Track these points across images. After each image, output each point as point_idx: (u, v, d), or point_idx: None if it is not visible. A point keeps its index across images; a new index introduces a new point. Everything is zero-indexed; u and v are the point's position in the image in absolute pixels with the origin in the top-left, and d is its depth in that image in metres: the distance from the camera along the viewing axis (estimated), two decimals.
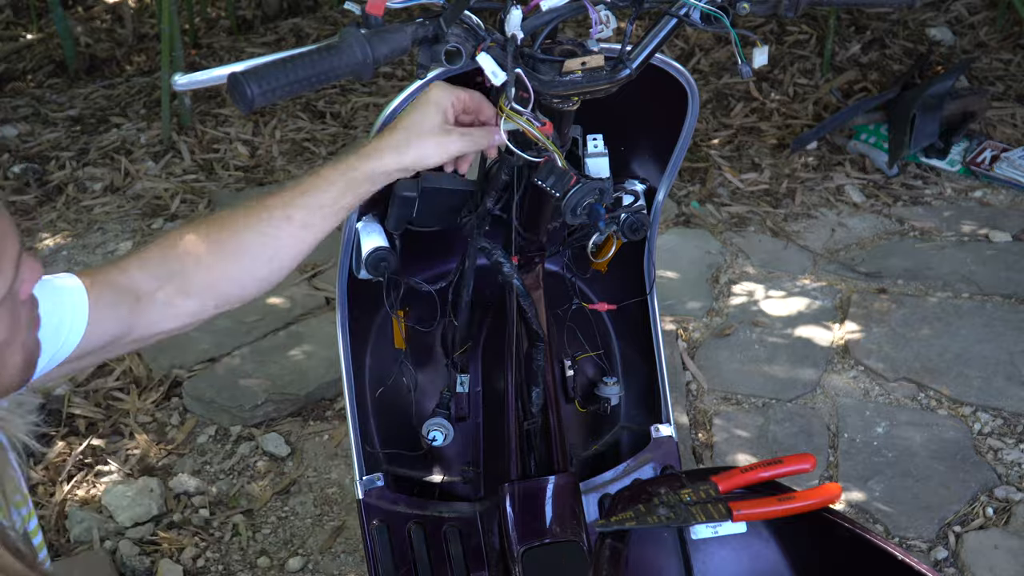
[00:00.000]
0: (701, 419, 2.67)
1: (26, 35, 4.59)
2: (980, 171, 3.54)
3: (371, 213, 1.57)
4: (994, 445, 2.54)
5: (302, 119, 3.97)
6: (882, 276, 3.12)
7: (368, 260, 1.54)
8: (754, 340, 2.90)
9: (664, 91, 1.53)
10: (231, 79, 1.03)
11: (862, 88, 3.99)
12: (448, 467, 1.79)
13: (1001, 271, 3.10)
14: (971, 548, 2.28)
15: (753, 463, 1.47)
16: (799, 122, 3.86)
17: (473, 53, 1.17)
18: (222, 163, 3.75)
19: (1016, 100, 3.92)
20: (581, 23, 3.57)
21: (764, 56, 1.25)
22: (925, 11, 4.49)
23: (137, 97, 4.13)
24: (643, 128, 1.62)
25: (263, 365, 2.78)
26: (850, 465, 2.51)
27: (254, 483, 2.52)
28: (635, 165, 1.68)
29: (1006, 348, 2.81)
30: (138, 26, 4.58)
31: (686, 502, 1.41)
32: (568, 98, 1.25)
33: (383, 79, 4.20)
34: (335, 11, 4.68)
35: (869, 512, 2.38)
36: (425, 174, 1.52)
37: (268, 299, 3.03)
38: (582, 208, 1.35)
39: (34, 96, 4.18)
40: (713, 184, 3.58)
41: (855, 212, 3.45)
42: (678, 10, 1.23)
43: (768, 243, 3.31)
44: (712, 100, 4.02)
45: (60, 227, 3.42)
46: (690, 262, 3.20)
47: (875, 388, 2.73)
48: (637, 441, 1.87)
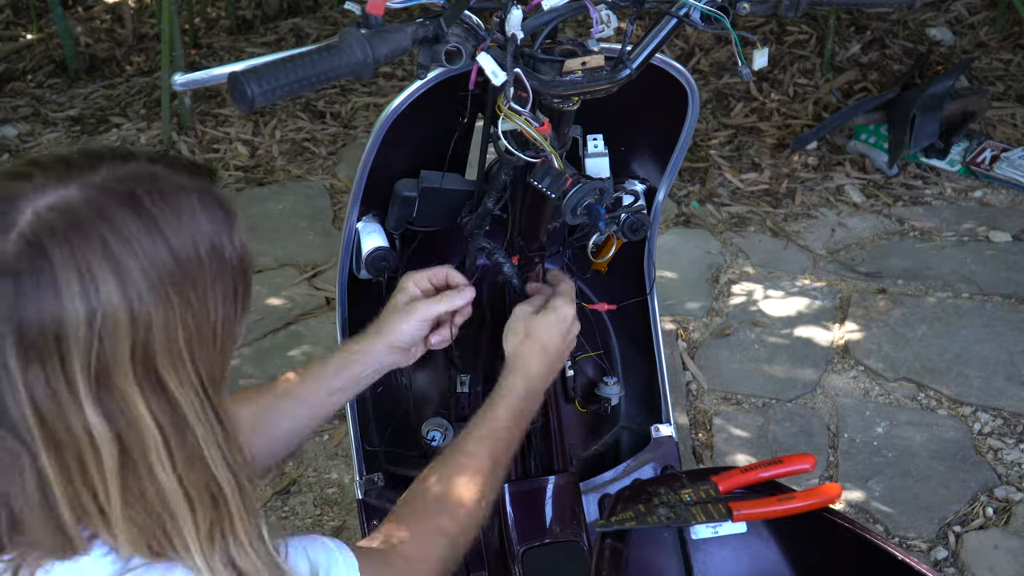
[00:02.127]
0: (701, 419, 2.67)
1: (26, 35, 4.59)
2: (980, 171, 3.54)
3: (371, 213, 1.57)
4: (994, 445, 2.54)
5: (302, 119, 3.97)
6: (882, 276, 3.12)
7: (368, 260, 1.54)
8: (754, 340, 2.90)
9: (664, 91, 1.53)
10: (231, 79, 1.03)
11: (862, 88, 3.99)
12: None
13: (1001, 271, 3.10)
14: (971, 548, 2.28)
15: (753, 463, 1.47)
16: (799, 122, 3.86)
17: (473, 53, 1.17)
18: (222, 163, 3.75)
19: (1016, 100, 3.92)
20: (581, 23, 3.57)
21: (764, 58, 1.25)
22: (925, 11, 4.49)
23: (137, 97, 4.13)
24: (643, 128, 1.62)
25: (263, 365, 2.78)
26: (850, 465, 2.51)
27: None
28: (635, 165, 1.68)
29: (1006, 348, 2.81)
30: (138, 26, 4.58)
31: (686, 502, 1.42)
32: (568, 98, 1.26)
33: (383, 79, 4.20)
34: (335, 11, 4.68)
35: (869, 512, 2.38)
36: (425, 174, 1.52)
37: (268, 299, 3.03)
38: (582, 208, 1.35)
39: (34, 96, 4.18)
40: (713, 184, 3.58)
41: (855, 212, 3.45)
42: (678, 10, 1.23)
43: (768, 243, 3.31)
44: (712, 100, 4.02)
45: None
46: (690, 262, 3.20)
47: (875, 388, 2.73)
48: (637, 441, 1.87)
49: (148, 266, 0.86)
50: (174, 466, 0.89)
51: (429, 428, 1.68)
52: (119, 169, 0.89)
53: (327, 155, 3.79)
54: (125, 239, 0.85)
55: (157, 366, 0.88)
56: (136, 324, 0.86)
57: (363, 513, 1.73)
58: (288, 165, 3.73)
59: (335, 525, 2.40)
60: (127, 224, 0.86)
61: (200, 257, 0.90)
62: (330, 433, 2.63)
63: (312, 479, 2.52)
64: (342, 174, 3.66)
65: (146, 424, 0.88)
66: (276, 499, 2.47)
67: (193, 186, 0.92)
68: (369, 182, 1.51)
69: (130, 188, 0.88)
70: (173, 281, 0.87)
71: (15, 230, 0.83)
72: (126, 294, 0.85)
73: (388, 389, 1.76)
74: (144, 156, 0.92)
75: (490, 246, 1.52)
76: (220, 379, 0.95)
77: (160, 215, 0.87)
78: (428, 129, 1.49)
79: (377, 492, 1.73)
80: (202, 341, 0.91)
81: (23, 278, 0.83)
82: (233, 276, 0.94)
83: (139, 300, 0.85)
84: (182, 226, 0.89)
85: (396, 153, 1.49)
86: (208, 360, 0.92)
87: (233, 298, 0.94)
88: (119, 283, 0.85)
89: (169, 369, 0.88)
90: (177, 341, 0.88)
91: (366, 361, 1.42)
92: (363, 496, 1.73)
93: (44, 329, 0.83)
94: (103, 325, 0.84)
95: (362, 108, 4.05)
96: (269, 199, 3.55)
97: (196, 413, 0.90)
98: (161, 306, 0.87)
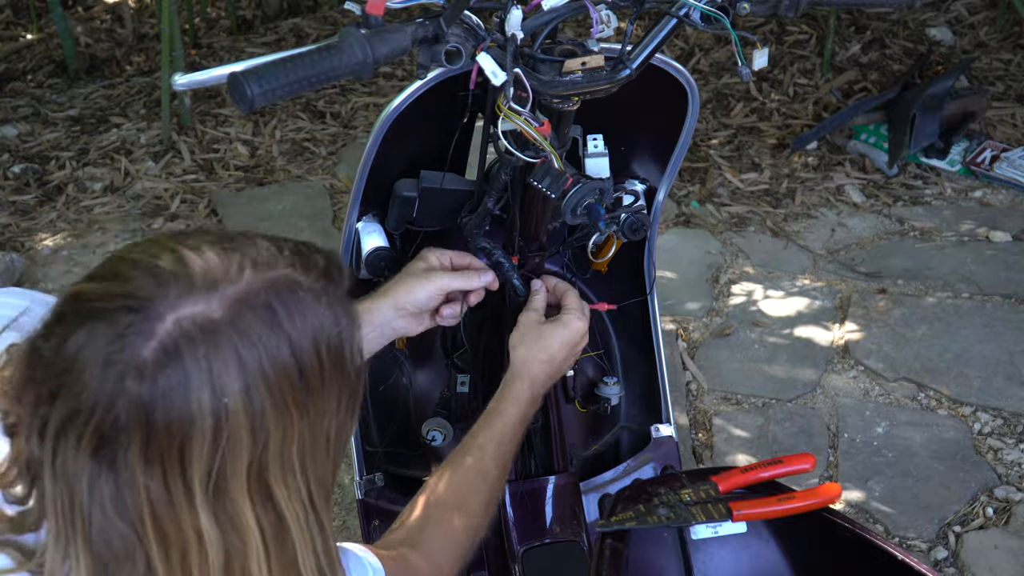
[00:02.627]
0: (701, 419, 2.67)
1: (26, 35, 4.59)
2: (980, 171, 3.54)
3: (371, 213, 1.57)
4: (994, 445, 2.54)
5: (302, 119, 3.97)
6: (882, 276, 3.12)
7: (368, 260, 1.54)
8: (754, 340, 2.90)
9: (664, 91, 1.53)
10: (231, 79, 1.03)
11: (862, 88, 3.98)
12: None
13: (1001, 271, 3.10)
14: (971, 548, 2.28)
15: (753, 463, 1.47)
16: (799, 122, 3.86)
17: (473, 53, 1.17)
18: (222, 163, 3.75)
19: (1016, 100, 3.92)
20: (581, 23, 3.57)
21: (764, 58, 1.25)
22: (925, 11, 4.49)
23: (137, 97, 4.13)
24: (643, 128, 1.62)
25: None
26: (850, 465, 2.51)
27: None
28: (635, 165, 1.68)
29: (1006, 348, 2.81)
30: (138, 26, 4.58)
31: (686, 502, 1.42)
32: (568, 98, 1.26)
33: (383, 79, 4.20)
34: (335, 11, 4.68)
35: (869, 512, 2.38)
36: (425, 174, 1.52)
37: None
38: (582, 208, 1.35)
39: (34, 96, 4.18)
40: (713, 184, 3.58)
41: (855, 212, 3.45)
42: (678, 10, 1.23)
43: (768, 243, 3.31)
44: (712, 100, 4.01)
45: (60, 227, 3.42)
46: (690, 262, 3.20)
47: (875, 388, 2.73)
48: (637, 441, 1.86)
49: (271, 374, 0.86)
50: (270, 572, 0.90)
51: (429, 428, 1.68)
52: (261, 277, 0.88)
53: (327, 155, 3.79)
54: (254, 345, 0.85)
55: (269, 478, 0.88)
56: (256, 439, 0.86)
57: (363, 513, 1.72)
58: (288, 165, 3.73)
59: (335, 525, 2.40)
60: (260, 335, 0.86)
61: (321, 367, 0.90)
62: None
63: None
64: (342, 174, 3.66)
65: (251, 532, 0.88)
66: None
67: (325, 291, 0.92)
68: (369, 182, 1.51)
69: (268, 301, 0.87)
70: (294, 391, 0.87)
71: (156, 338, 0.83)
72: (251, 406, 0.85)
73: (388, 389, 1.76)
74: (287, 257, 0.91)
75: (490, 246, 1.52)
76: (329, 488, 0.95)
77: (291, 327, 0.88)
78: (428, 129, 1.49)
79: (377, 492, 1.73)
80: (315, 453, 0.91)
81: (159, 382, 0.83)
82: (350, 383, 0.94)
83: (261, 414, 0.86)
84: (308, 335, 0.89)
85: (396, 153, 1.49)
86: (319, 471, 0.92)
87: (349, 406, 0.94)
88: (245, 392, 0.85)
89: (279, 481, 0.89)
90: (291, 454, 0.89)
91: (371, 320, 1.41)
92: (363, 496, 1.73)
93: (171, 435, 0.83)
94: (227, 440, 0.85)
95: (362, 108, 4.05)
96: (269, 199, 3.55)
97: (299, 524, 0.90)
98: (280, 420, 0.87)
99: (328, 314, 0.91)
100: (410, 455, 1.77)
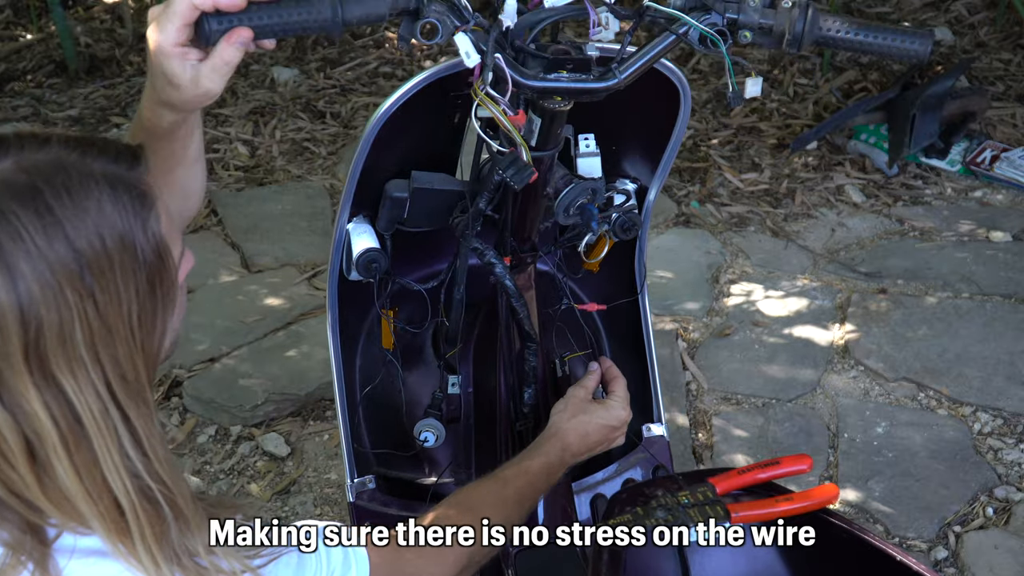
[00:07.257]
0: (701, 419, 2.66)
1: (26, 35, 4.59)
2: (980, 171, 3.53)
3: (362, 214, 1.57)
4: (994, 445, 2.53)
5: (302, 119, 3.97)
6: (882, 276, 3.11)
7: (359, 261, 1.53)
8: (754, 340, 2.89)
9: (656, 90, 1.52)
10: (197, 20, 1.04)
11: (862, 88, 3.98)
12: (440, 469, 1.78)
13: (1001, 271, 3.09)
14: (971, 548, 2.27)
15: (750, 464, 1.46)
16: (799, 122, 3.85)
17: (453, 32, 1.16)
18: (222, 163, 3.75)
19: (1016, 100, 3.91)
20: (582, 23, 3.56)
21: (757, 87, 1.24)
22: (925, 11, 4.48)
23: (137, 97, 4.12)
24: (635, 128, 1.61)
25: (263, 365, 2.78)
26: (850, 465, 2.50)
27: (254, 483, 2.51)
28: (627, 165, 1.67)
29: (1006, 348, 2.80)
30: (138, 26, 4.58)
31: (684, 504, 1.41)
32: (551, 97, 1.24)
33: (383, 79, 4.19)
34: None
35: (869, 512, 2.38)
36: (416, 174, 1.52)
37: (268, 299, 3.03)
38: (575, 208, 1.34)
39: (34, 96, 4.18)
40: (713, 184, 3.57)
41: (855, 212, 3.44)
42: (677, 28, 1.21)
43: (768, 243, 3.30)
44: (712, 100, 4.01)
45: None
46: (690, 262, 3.19)
47: (875, 388, 2.73)
48: (629, 441, 1.86)
49: (42, 266, 0.83)
50: (75, 468, 0.87)
51: (421, 429, 1.67)
52: (26, 158, 0.86)
53: (327, 155, 3.79)
54: (19, 237, 0.83)
55: (51, 367, 0.85)
56: (26, 324, 0.83)
57: (355, 516, 1.71)
58: (288, 165, 3.73)
59: None
60: (23, 222, 0.83)
61: (106, 253, 0.86)
62: (330, 433, 2.63)
63: (312, 479, 2.52)
64: (342, 174, 3.65)
65: (41, 422, 0.86)
66: (276, 499, 2.47)
67: (107, 174, 0.88)
68: (360, 183, 1.50)
69: (32, 182, 0.85)
70: (71, 280, 0.84)
71: None
72: (15, 292, 0.83)
73: (379, 391, 1.75)
74: (60, 141, 0.89)
75: (482, 247, 1.51)
76: (139, 380, 0.91)
77: (61, 211, 0.85)
78: (419, 130, 1.48)
79: (369, 495, 1.72)
80: (112, 341, 0.87)
81: None
82: (148, 269, 0.90)
83: (29, 300, 0.83)
84: (86, 221, 0.85)
85: (387, 154, 1.48)
86: (120, 360, 0.88)
87: (150, 292, 0.90)
88: (8, 281, 0.82)
89: (65, 370, 0.85)
90: (76, 342, 0.85)
91: None
92: (354, 499, 1.72)
93: None
94: None
95: (362, 108, 4.04)
96: (269, 199, 3.54)
97: (96, 418, 0.87)
98: (55, 306, 0.84)
99: (107, 194, 0.87)
100: (402, 457, 1.76)
